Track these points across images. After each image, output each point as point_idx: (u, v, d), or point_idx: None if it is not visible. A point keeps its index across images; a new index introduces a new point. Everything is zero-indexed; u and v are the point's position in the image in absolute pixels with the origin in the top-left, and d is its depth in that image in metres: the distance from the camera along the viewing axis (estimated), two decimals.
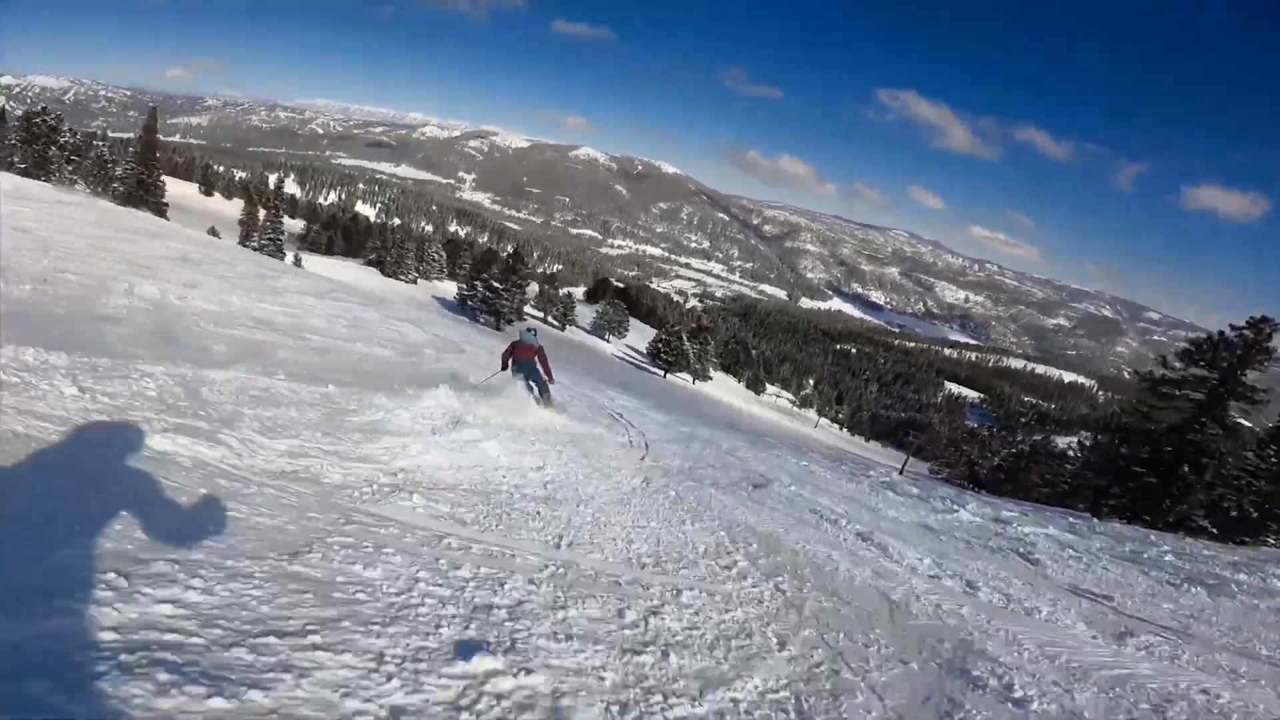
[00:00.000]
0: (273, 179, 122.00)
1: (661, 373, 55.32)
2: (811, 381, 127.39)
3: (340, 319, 12.02)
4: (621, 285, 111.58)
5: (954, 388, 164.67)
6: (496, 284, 46.49)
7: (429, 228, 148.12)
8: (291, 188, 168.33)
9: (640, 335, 71.93)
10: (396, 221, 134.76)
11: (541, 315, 63.98)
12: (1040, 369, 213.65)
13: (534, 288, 65.29)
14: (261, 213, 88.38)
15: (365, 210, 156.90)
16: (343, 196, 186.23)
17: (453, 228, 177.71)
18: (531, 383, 8.64)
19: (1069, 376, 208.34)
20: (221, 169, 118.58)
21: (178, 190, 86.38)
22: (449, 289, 58.26)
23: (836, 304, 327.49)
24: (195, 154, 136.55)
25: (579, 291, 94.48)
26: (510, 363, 8.72)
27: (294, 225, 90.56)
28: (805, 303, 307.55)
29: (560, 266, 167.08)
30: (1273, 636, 5.63)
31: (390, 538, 3.29)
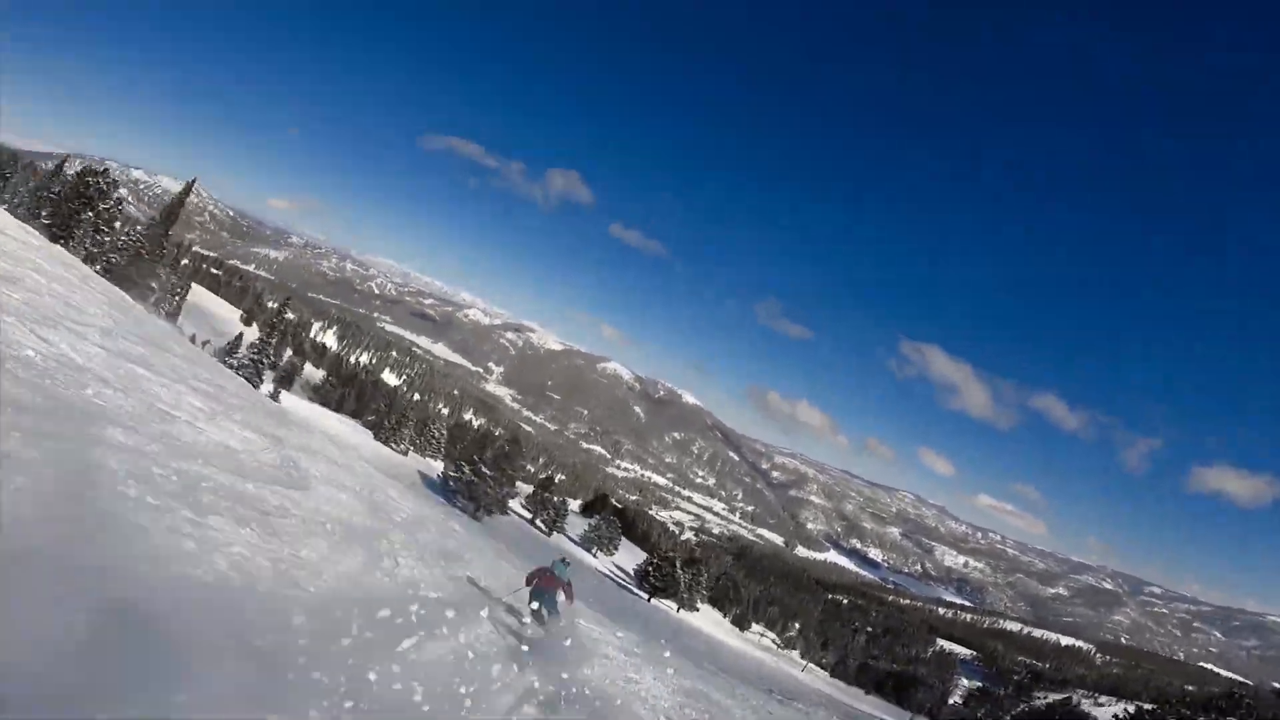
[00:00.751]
0: (316, 327, 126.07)
1: (646, 596, 54.49)
2: (798, 625, 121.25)
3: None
4: (620, 506, 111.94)
5: (945, 644, 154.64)
6: (485, 469, 43.72)
7: (445, 410, 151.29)
8: (330, 339, 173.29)
9: (629, 556, 70.92)
10: (417, 397, 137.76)
11: (530, 516, 63.66)
12: (1037, 632, 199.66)
13: (525, 488, 65.26)
14: (289, 350, 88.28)
15: (389, 378, 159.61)
16: (374, 360, 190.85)
17: (468, 416, 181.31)
18: (544, 610, 8.43)
19: (1065, 640, 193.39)
20: (274, 304, 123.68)
21: (221, 312, 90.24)
22: (437, 467, 57.42)
23: (833, 556, 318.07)
24: (258, 286, 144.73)
25: (575, 504, 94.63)
26: (531, 589, 8.66)
27: (314, 374, 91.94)
28: (801, 551, 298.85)
29: (563, 476, 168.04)
30: None
31: None
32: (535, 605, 8.34)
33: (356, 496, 10.16)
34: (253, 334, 73.29)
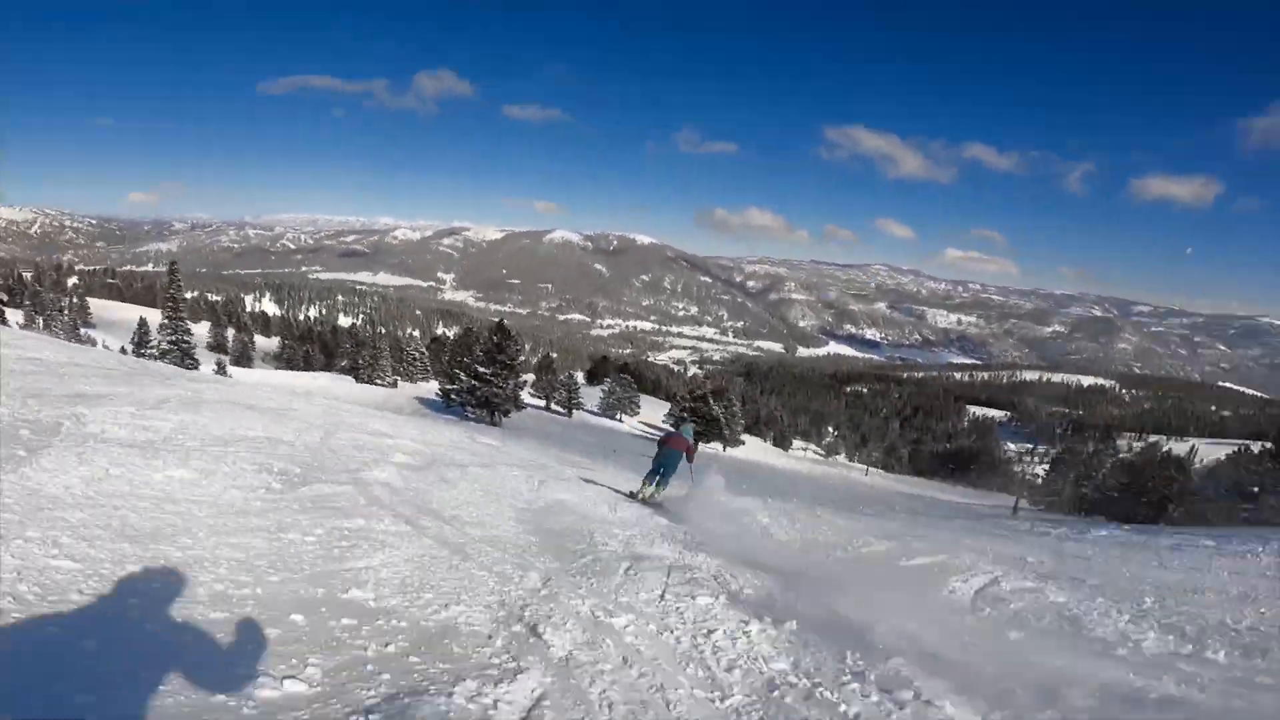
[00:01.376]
0: (249, 300, 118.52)
1: None
2: (831, 428, 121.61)
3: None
4: (624, 363, 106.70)
5: (976, 410, 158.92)
6: (481, 368, 38.59)
7: (415, 332, 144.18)
8: (269, 306, 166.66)
9: (653, 409, 67.12)
10: (382, 330, 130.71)
11: (544, 403, 58.78)
12: (1055, 377, 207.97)
13: (527, 377, 60.30)
14: (231, 331, 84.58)
15: (347, 321, 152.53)
16: (323, 311, 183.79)
17: (439, 330, 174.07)
18: (661, 472, 9.06)
19: (1086, 380, 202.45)
20: (193, 294, 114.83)
21: (130, 315, 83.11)
22: (433, 388, 52.65)
23: (833, 347, 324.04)
24: (163, 280, 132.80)
25: (579, 375, 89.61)
26: (659, 448, 9.28)
27: (269, 344, 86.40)
28: (803, 351, 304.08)
29: (555, 354, 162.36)
30: None
31: None
32: (662, 467, 9.08)
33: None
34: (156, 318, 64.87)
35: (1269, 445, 24.32)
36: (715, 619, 3.87)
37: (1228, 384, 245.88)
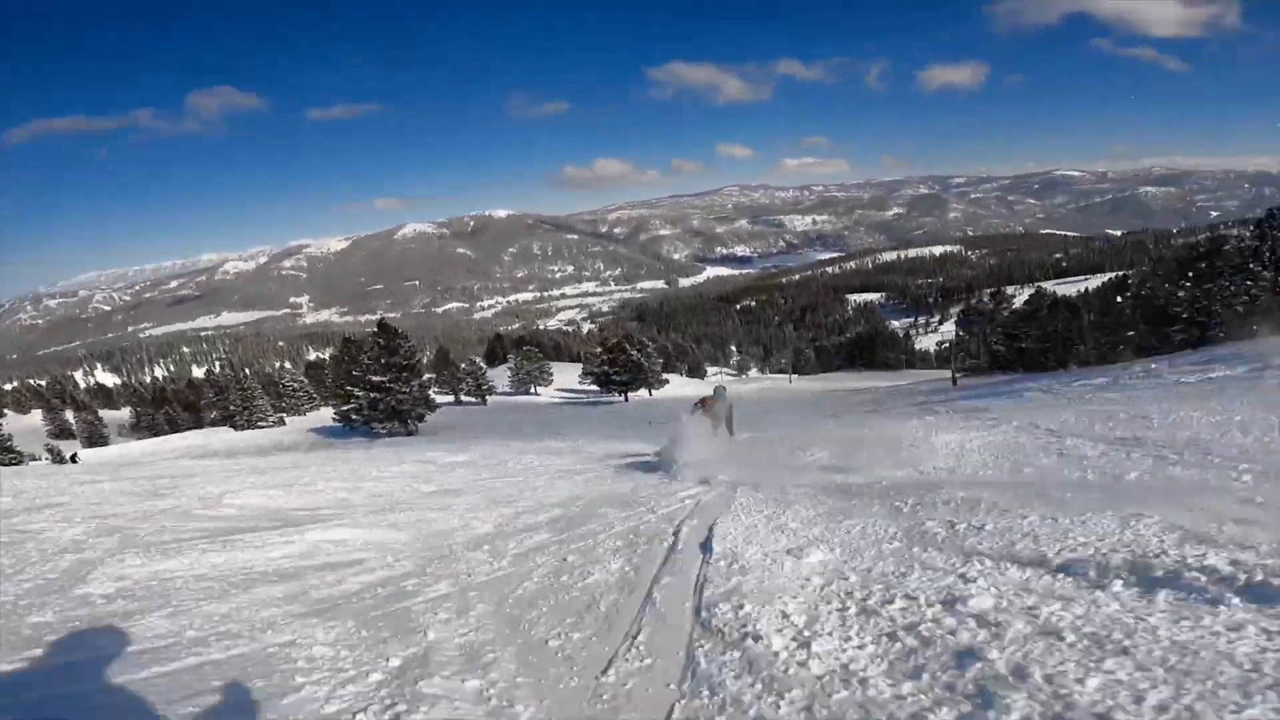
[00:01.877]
0: (78, 374, 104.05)
1: (622, 396, 48.74)
2: (734, 347, 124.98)
3: None
4: (518, 337, 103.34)
5: (855, 297, 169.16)
6: (377, 377, 34.58)
7: (286, 364, 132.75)
8: (105, 377, 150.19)
9: (566, 374, 65.26)
10: (247, 371, 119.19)
11: (452, 398, 55.71)
12: (910, 252, 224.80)
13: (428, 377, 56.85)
14: (70, 412, 74.34)
15: (203, 372, 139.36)
16: (171, 368, 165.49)
17: (312, 355, 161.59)
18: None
19: (937, 250, 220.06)
20: (12, 386, 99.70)
21: None
22: (327, 415, 47.64)
23: (710, 271, 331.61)
24: None
25: (478, 360, 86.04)
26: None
27: (121, 416, 77.49)
28: (684, 282, 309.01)
29: (448, 346, 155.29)
30: None
31: None
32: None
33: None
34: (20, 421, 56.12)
35: (1117, 276, 27.76)
36: None
37: (1047, 230, 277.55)
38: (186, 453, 32.69)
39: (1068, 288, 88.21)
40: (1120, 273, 69.82)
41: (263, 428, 48.44)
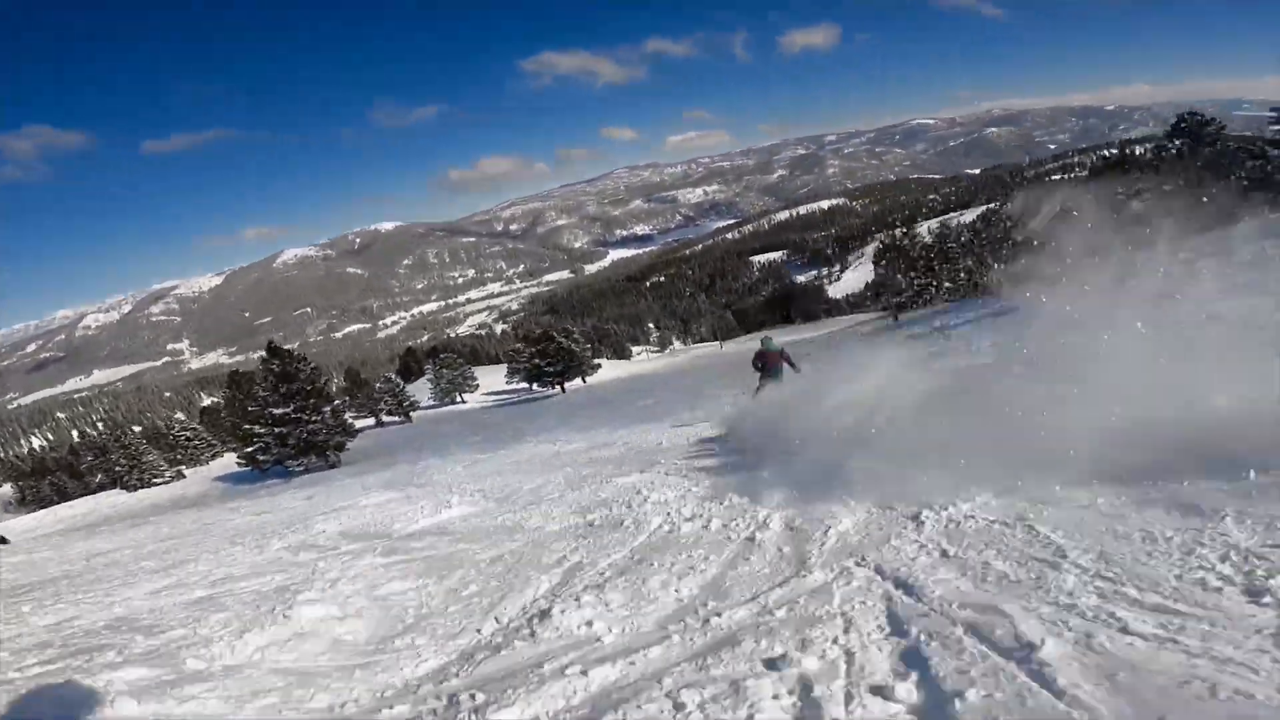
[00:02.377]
0: None
1: (559, 388, 46.95)
2: (651, 324, 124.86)
3: None
4: (431, 348, 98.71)
5: (759, 259, 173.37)
6: (278, 410, 30.64)
7: (179, 414, 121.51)
8: None
9: (490, 377, 62.46)
10: (136, 428, 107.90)
11: (373, 420, 52.31)
12: (800, 209, 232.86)
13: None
14: None
15: (78, 436, 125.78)
16: (49, 436, 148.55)
17: (206, 401, 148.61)
18: (775, 382, 9.45)
19: (825, 204, 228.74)
20: None
21: None
22: (231, 462, 42.51)
23: (614, 254, 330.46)
24: None
25: (393, 377, 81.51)
26: (762, 372, 9.78)
27: (3, 492, 70.78)
28: (589, 268, 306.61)
29: (358, 368, 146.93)
30: None
31: None
32: (767, 384, 9.51)
33: None
34: None
35: (990, 207, 29.30)
36: None
37: (915, 175, 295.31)
38: (72, 524, 28.40)
39: (952, 222, 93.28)
40: (993, 204, 75.35)
41: (158, 484, 43.66)
